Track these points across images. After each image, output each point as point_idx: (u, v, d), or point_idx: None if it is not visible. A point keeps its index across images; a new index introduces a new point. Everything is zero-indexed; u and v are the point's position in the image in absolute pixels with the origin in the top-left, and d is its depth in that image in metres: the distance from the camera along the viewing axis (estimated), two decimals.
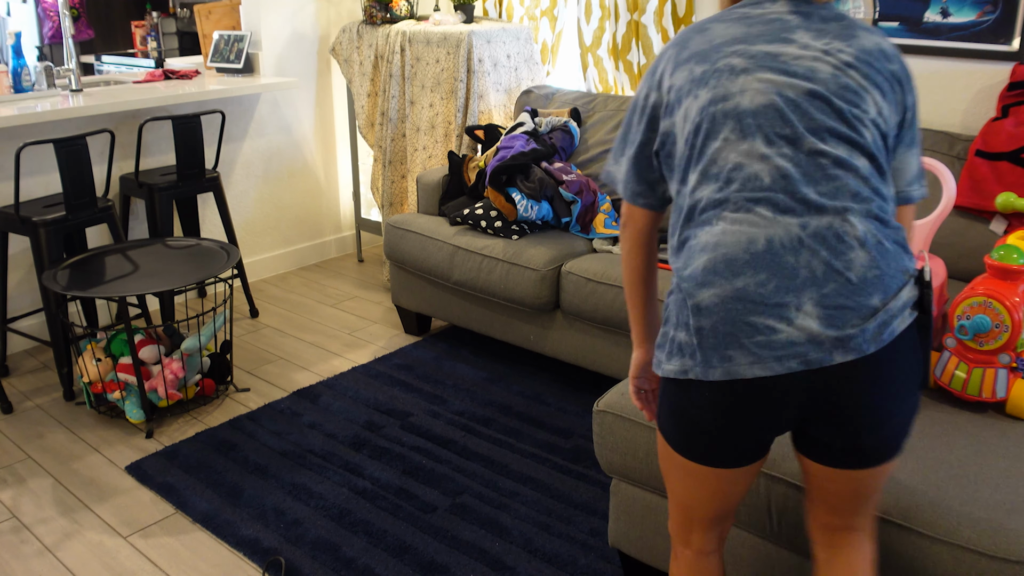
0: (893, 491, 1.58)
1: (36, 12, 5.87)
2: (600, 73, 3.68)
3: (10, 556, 2.28)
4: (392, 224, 3.39)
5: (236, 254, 2.96)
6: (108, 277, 2.78)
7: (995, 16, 2.75)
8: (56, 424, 2.93)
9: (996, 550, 1.45)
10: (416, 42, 3.71)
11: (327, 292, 4.09)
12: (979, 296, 1.80)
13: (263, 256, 4.28)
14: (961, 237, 2.60)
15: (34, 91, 3.59)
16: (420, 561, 2.22)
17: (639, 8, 3.44)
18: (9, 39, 3.57)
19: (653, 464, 1.88)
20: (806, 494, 1.45)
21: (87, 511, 2.46)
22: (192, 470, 2.63)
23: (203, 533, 2.35)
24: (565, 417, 2.90)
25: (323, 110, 4.37)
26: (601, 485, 2.52)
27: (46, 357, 3.43)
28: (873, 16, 2.98)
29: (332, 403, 3.01)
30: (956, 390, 1.85)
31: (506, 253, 3.02)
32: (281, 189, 4.27)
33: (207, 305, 3.94)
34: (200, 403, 3.04)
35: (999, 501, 1.54)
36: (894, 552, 1.55)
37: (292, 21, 4.13)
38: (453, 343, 3.48)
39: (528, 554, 2.24)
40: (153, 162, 3.78)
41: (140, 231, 3.78)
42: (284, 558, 2.23)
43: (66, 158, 2.96)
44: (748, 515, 1.75)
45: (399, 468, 2.62)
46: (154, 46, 5.25)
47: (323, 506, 2.44)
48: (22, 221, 2.98)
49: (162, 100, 3.49)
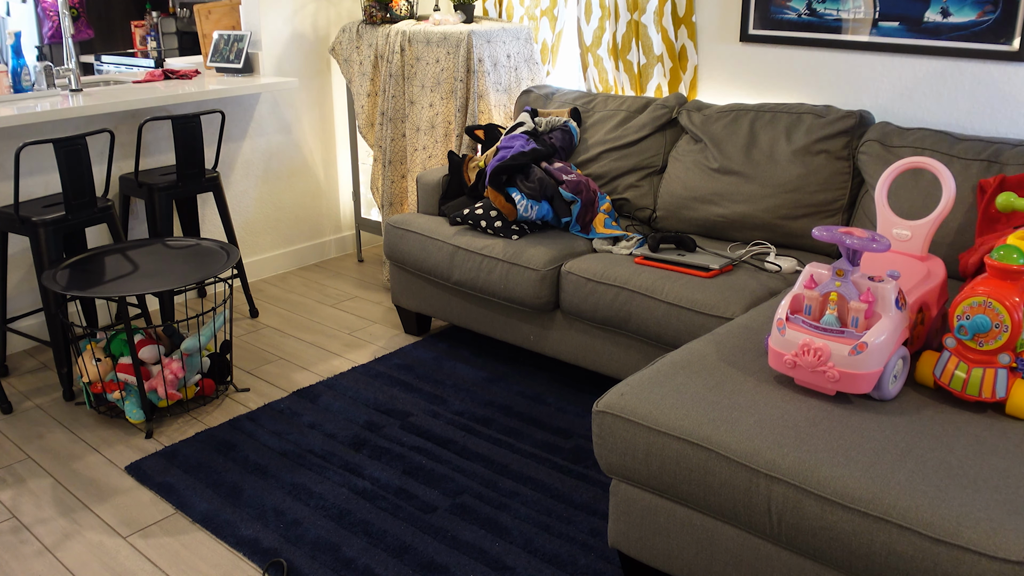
0: (893, 492, 1.58)
1: (36, 12, 5.87)
2: (600, 73, 3.68)
3: (10, 556, 2.28)
4: (392, 224, 3.39)
5: (236, 254, 2.96)
6: (108, 277, 2.78)
7: (995, 16, 2.75)
8: (56, 424, 2.92)
9: (997, 550, 1.45)
10: (416, 42, 3.71)
11: (327, 292, 4.09)
12: (979, 296, 1.80)
13: (263, 256, 4.28)
14: (961, 237, 2.60)
15: (34, 91, 3.59)
16: (420, 561, 2.21)
17: (639, 8, 3.43)
18: (9, 39, 3.57)
19: (653, 465, 1.88)
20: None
21: (87, 511, 2.46)
22: (192, 470, 2.63)
23: (203, 533, 2.35)
24: (565, 417, 2.90)
25: (323, 110, 4.36)
26: (601, 485, 2.52)
27: (46, 357, 3.43)
28: (873, 16, 2.97)
29: (332, 403, 3.01)
30: (956, 390, 1.84)
31: (506, 253, 3.02)
32: (281, 189, 4.27)
33: (207, 305, 3.94)
34: (200, 403, 3.04)
35: (999, 501, 1.54)
36: (895, 553, 1.55)
37: (292, 21, 4.13)
38: (453, 343, 3.48)
39: (528, 554, 2.23)
40: (153, 162, 3.78)
41: (140, 231, 3.78)
42: (284, 559, 2.23)
43: (66, 158, 2.95)
44: (748, 515, 1.75)
45: (399, 468, 2.62)
46: (154, 46, 5.25)
47: (323, 506, 2.44)
48: (22, 221, 2.98)
49: (162, 100, 3.49)
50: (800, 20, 3.14)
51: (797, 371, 1.88)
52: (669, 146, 3.29)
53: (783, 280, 2.74)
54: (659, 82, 3.53)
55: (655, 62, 3.49)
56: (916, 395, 1.91)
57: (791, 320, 1.91)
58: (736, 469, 1.74)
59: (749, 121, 3.07)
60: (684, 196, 3.13)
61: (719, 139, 3.09)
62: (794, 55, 3.20)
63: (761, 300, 2.62)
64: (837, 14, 3.06)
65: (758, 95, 3.33)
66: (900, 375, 1.90)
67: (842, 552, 1.62)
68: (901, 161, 2.22)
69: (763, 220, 2.96)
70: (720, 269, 2.75)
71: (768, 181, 2.95)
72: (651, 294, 2.68)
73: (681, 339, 2.64)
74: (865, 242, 1.81)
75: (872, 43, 3.00)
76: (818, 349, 1.83)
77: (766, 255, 2.92)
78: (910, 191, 2.72)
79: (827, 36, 3.09)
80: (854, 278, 1.87)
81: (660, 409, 1.89)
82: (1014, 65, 2.75)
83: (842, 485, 1.62)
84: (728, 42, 3.36)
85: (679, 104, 3.32)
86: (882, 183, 2.23)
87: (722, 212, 3.03)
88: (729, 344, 2.16)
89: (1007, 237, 1.99)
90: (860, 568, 1.61)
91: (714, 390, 1.93)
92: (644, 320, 2.70)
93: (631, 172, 3.30)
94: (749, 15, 3.26)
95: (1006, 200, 2.25)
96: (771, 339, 1.93)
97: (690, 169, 3.13)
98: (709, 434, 1.80)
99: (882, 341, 1.79)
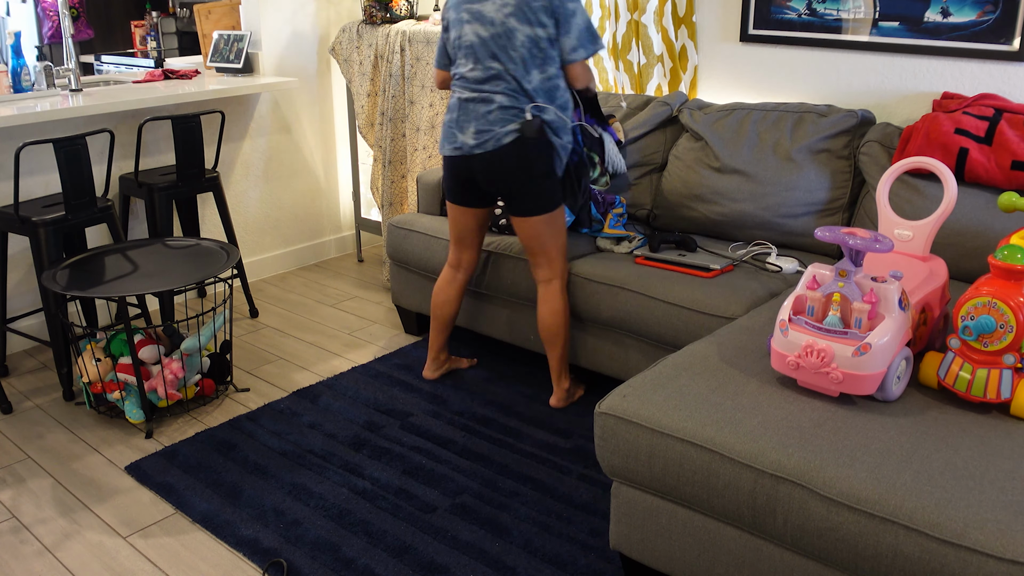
0: (899, 492, 1.58)
1: (36, 12, 5.86)
2: (600, 73, 3.67)
3: (10, 556, 2.27)
4: (395, 224, 3.38)
5: (236, 254, 2.95)
6: (108, 277, 2.78)
7: (995, 16, 2.74)
8: (56, 424, 2.92)
9: (1003, 551, 1.45)
10: (416, 42, 3.70)
11: (327, 292, 4.08)
12: (983, 296, 1.80)
13: (263, 256, 4.27)
14: (962, 237, 2.59)
15: (34, 91, 3.58)
16: (420, 561, 2.21)
17: (639, 8, 3.43)
18: (9, 39, 3.56)
19: (656, 467, 1.87)
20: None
21: (87, 511, 2.45)
22: (192, 470, 2.62)
23: (203, 533, 2.35)
24: (565, 417, 2.89)
25: (323, 110, 4.36)
26: (601, 485, 2.51)
27: (46, 357, 3.42)
28: (873, 16, 2.97)
29: (332, 403, 3.00)
30: (960, 391, 1.84)
31: (509, 252, 3.02)
32: (281, 189, 4.27)
33: (207, 305, 3.93)
34: (200, 403, 3.03)
35: (1005, 502, 1.53)
36: (901, 554, 1.54)
37: (292, 21, 4.12)
38: (453, 343, 3.47)
39: (528, 554, 2.23)
40: (153, 162, 3.77)
41: (140, 231, 3.77)
42: (284, 559, 2.22)
43: (66, 158, 2.95)
44: (753, 516, 1.74)
45: (399, 468, 2.61)
46: (154, 46, 5.24)
47: (323, 506, 2.43)
48: (22, 221, 2.97)
49: (162, 100, 3.48)
50: (800, 20, 3.14)
51: (800, 372, 1.88)
52: (669, 144, 3.28)
53: (784, 281, 2.74)
54: (659, 82, 3.53)
55: (655, 62, 3.49)
56: (920, 396, 1.91)
57: (794, 321, 1.91)
58: (740, 470, 1.73)
59: (751, 120, 3.07)
60: (684, 194, 3.12)
61: (720, 137, 3.09)
62: (794, 55, 3.20)
63: (762, 301, 2.61)
64: (837, 14, 3.05)
65: (758, 95, 3.33)
66: (903, 376, 1.89)
67: (848, 553, 1.61)
68: (902, 161, 2.22)
69: (763, 219, 2.96)
70: (721, 269, 2.75)
71: (769, 180, 2.95)
72: (652, 294, 2.68)
73: (682, 339, 2.63)
74: (868, 243, 1.81)
75: (872, 43, 3.00)
76: (821, 350, 1.82)
77: (767, 255, 2.92)
78: (911, 191, 2.71)
79: (827, 36, 3.09)
80: (857, 279, 1.86)
81: (663, 411, 1.88)
82: (1014, 65, 2.75)
83: (848, 486, 1.61)
84: (728, 42, 3.35)
85: (680, 102, 3.31)
86: (883, 183, 2.23)
87: (722, 211, 3.03)
88: (731, 345, 2.16)
89: (1011, 236, 1.99)
90: (866, 570, 1.60)
91: (717, 391, 1.93)
92: (645, 320, 2.70)
93: (631, 169, 3.29)
94: (749, 15, 3.26)
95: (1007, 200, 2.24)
96: (774, 340, 1.92)
97: (691, 167, 3.13)
98: (713, 436, 1.79)
99: (886, 342, 1.79)
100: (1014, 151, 2.53)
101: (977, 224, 2.58)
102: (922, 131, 2.69)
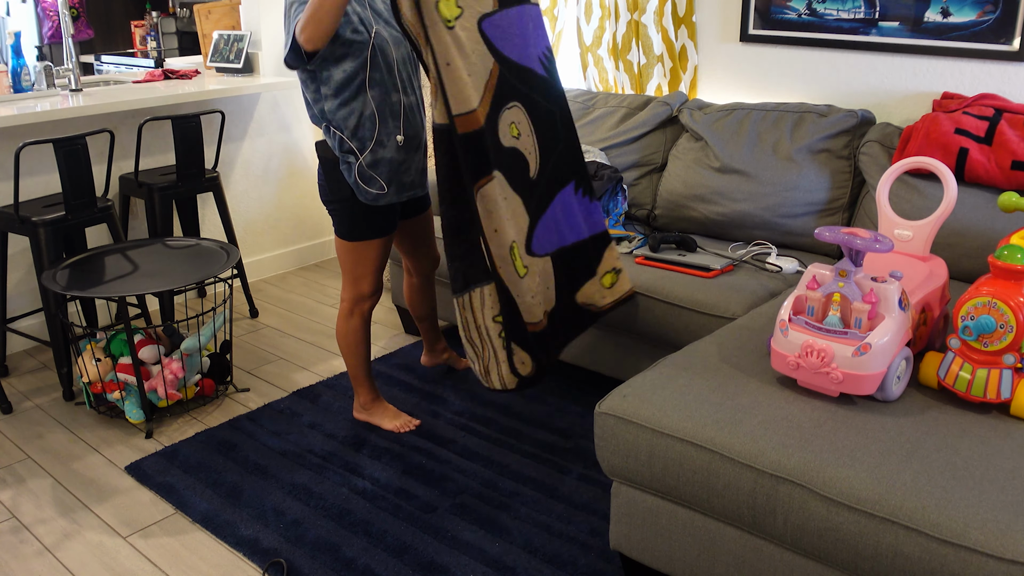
0: (899, 492, 1.58)
1: (36, 12, 5.86)
2: (600, 73, 3.67)
3: (10, 556, 2.27)
4: None
5: (236, 254, 2.95)
6: (108, 277, 2.78)
7: (995, 16, 2.74)
8: (56, 424, 2.92)
9: (1004, 551, 1.45)
10: None
11: (327, 292, 4.08)
12: (983, 296, 1.80)
13: (263, 256, 4.27)
14: (962, 238, 2.59)
15: (34, 91, 3.58)
16: (420, 561, 2.21)
17: (639, 8, 3.43)
18: (9, 39, 3.56)
19: (656, 467, 1.87)
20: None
21: (87, 511, 2.45)
22: (192, 470, 2.62)
23: (203, 533, 2.35)
24: (565, 417, 2.89)
25: None
26: (601, 485, 2.51)
27: (46, 357, 3.42)
28: (873, 16, 2.97)
29: (332, 403, 3.00)
30: (960, 391, 1.84)
31: None
32: (281, 189, 4.27)
33: (207, 305, 3.93)
34: (200, 403, 3.03)
35: (1006, 502, 1.53)
36: (901, 554, 1.55)
37: None
38: (453, 343, 3.47)
39: (528, 554, 2.23)
40: (153, 162, 3.77)
41: (140, 231, 3.77)
42: (284, 559, 2.22)
43: (66, 158, 2.95)
44: (753, 516, 1.74)
45: (399, 468, 2.61)
46: (154, 46, 5.24)
47: (323, 506, 2.43)
48: (22, 221, 2.97)
49: (162, 100, 3.48)
50: (800, 20, 3.14)
51: (800, 372, 1.88)
52: (669, 144, 3.28)
53: (784, 281, 2.74)
54: (659, 82, 3.53)
55: (655, 62, 3.49)
56: (920, 396, 1.91)
57: (794, 321, 1.91)
58: (741, 470, 1.73)
59: (751, 120, 3.07)
60: (684, 194, 3.12)
61: (720, 138, 3.09)
62: (794, 55, 3.20)
63: (762, 301, 2.61)
64: (837, 14, 3.05)
65: (758, 95, 3.33)
66: (903, 376, 1.89)
67: (848, 553, 1.61)
68: (902, 161, 2.22)
69: (763, 219, 2.96)
70: (721, 269, 2.75)
71: (769, 180, 2.95)
72: (652, 294, 2.68)
73: (682, 339, 2.63)
74: (869, 243, 1.81)
75: (872, 43, 3.00)
76: (821, 350, 1.82)
77: (767, 255, 2.92)
78: (911, 191, 2.71)
79: (827, 36, 3.09)
80: (857, 279, 1.86)
81: (663, 411, 1.88)
82: (1014, 65, 2.75)
83: (848, 486, 1.61)
84: (728, 42, 3.35)
85: (680, 102, 3.32)
86: (883, 183, 2.23)
87: (722, 211, 3.03)
88: (731, 345, 2.16)
89: (1012, 236, 1.99)
90: (866, 570, 1.60)
91: (717, 392, 1.93)
92: (645, 320, 2.70)
93: (631, 169, 3.29)
94: (749, 15, 3.26)
95: (1007, 200, 2.24)
96: (774, 340, 1.92)
97: (690, 167, 3.13)
98: (713, 436, 1.79)
99: (886, 342, 1.79)
100: (1014, 151, 2.53)
101: (977, 224, 2.58)
102: (922, 131, 2.69)
